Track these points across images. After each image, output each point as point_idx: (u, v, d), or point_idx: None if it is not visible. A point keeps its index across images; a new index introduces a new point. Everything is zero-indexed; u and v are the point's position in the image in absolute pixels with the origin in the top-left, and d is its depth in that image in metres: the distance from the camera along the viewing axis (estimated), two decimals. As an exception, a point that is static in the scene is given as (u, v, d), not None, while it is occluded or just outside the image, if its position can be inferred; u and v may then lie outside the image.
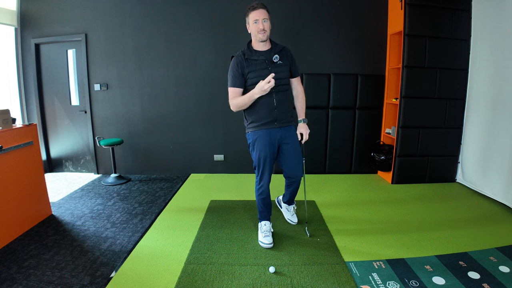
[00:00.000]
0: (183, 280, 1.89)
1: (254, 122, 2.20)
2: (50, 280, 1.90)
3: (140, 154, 4.17)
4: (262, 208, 2.36)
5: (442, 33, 3.44)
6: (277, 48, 2.17)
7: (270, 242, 2.26)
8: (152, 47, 3.91)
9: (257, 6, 2.05)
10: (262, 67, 2.09)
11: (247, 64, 2.10)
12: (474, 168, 3.47)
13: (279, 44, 2.22)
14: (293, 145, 2.27)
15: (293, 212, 2.68)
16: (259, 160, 2.23)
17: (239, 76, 2.11)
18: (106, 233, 2.53)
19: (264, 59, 2.11)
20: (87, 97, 4.02)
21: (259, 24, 2.05)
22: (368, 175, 4.08)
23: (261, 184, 2.27)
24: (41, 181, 2.80)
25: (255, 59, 2.11)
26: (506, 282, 1.83)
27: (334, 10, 3.83)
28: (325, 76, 3.86)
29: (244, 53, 2.13)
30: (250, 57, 2.11)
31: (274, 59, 2.11)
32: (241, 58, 2.12)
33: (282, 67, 2.14)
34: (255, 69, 2.09)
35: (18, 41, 3.95)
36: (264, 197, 2.31)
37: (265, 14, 2.06)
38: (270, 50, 2.15)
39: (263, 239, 2.29)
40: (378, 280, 1.88)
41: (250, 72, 2.10)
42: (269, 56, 2.12)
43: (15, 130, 2.50)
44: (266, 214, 2.38)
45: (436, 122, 3.61)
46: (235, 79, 2.12)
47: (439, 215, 2.83)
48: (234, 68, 2.12)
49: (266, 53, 2.14)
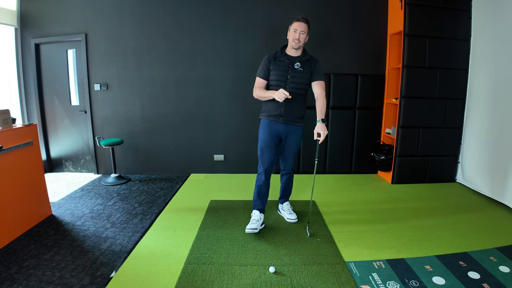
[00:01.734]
0: (183, 280, 1.89)
1: (264, 112, 2.48)
2: (50, 280, 1.90)
3: (140, 154, 4.17)
4: (255, 196, 2.57)
5: (442, 33, 3.44)
6: (304, 57, 2.40)
7: (254, 228, 2.43)
8: (152, 47, 3.91)
9: (302, 19, 2.33)
10: (283, 69, 2.37)
11: (273, 63, 2.39)
12: (474, 168, 3.47)
13: (309, 55, 2.43)
14: (293, 144, 2.51)
15: (290, 211, 2.73)
16: (260, 148, 2.50)
17: (265, 69, 2.41)
18: (106, 233, 2.53)
19: (288, 63, 2.37)
20: (87, 97, 4.02)
21: (296, 34, 2.32)
22: (368, 175, 4.08)
23: (260, 171, 2.52)
24: (41, 181, 2.79)
25: (281, 60, 2.38)
26: (506, 282, 1.83)
27: (334, 10, 3.83)
28: (325, 76, 3.85)
29: (276, 53, 2.42)
30: (279, 58, 2.39)
31: (295, 66, 2.37)
32: (271, 56, 2.42)
33: (301, 73, 2.37)
34: (277, 68, 2.38)
35: (18, 41, 3.95)
36: (259, 184, 2.52)
37: (305, 27, 2.32)
38: (298, 57, 2.40)
39: (248, 224, 2.48)
40: (378, 280, 1.88)
41: (272, 69, 2.39)
42: (294, 61, 2.38)
43: (15, 130, 2.49)
44: (259, 204, 2.56)
45: (436, 122, 3.61)
46: (261, 71, 2.44)
47: (439, 215, 2.83)
48: (264, 62, 2.44)
49: (293, 58, 2.40)
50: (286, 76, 2.35)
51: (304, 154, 4.05)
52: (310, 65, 2.39)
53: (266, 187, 2.55)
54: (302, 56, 2.40)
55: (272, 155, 2.48)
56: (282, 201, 2.83)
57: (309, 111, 3.93)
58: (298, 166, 4.09)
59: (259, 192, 2.54)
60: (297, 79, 2.36)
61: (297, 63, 2.36)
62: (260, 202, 2.56)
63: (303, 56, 2.40)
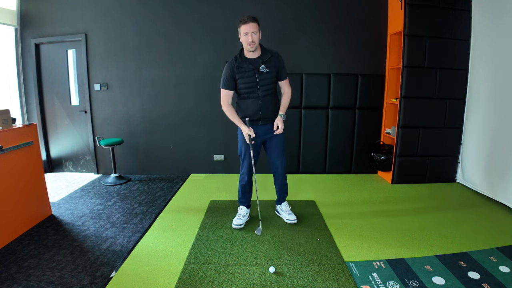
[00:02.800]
0: (183, 280, 1.89)
1: (243, 118, 2.47)
2: (50, 280, 1.90)
3: (140, 154, 4.17)
4: (240, 194, 2.69)
5: (442, 33, 3.44)
6: (265, 56, 2.37)
7: (239, 224, 2.56)
8: (152, 47, 3.91)
9: (247, 20, 2.25)
10: (250, 75, 2.36)
11: (237, 71, 2.37)
12: (474, 168, 3.47)
13: (268, 51, 2.40)
14: (277, 141, 2.54)
15: (289, 211, 2.71)
16: (240, 150, 2.56)
17: (230, 80, 2.39)
18: (106, 233, 2.53)
19: (252, 68, 2.35)
20: (87, 97, 4.02)
21: (248, 37, 2.26)
22: (368, 175, 4.08)
23: (242, 171, 2.60)
24: (41, 181, 2.80)
25: (244, 67, 2.36)
26: (506, 282, 1.83)
27: (334, 10, 3.83)
28: (325, 76, 3.86)
29: (236, 60, 2.37)
30: (241, 65, 2.36)
31: (261, 70, 2.36)
32: (233, 65, 2.37)
33: (268, 74, 2.38)
34: (244, 76, 2.36)
35: (18, 41, 3.95)
36: (243, 184, 2.62)
37: (254, 27, 2.26)
38: (259, 58, 2.37)
39: (234, 220, 2.61)
40: (378, 280, 1.88)
41: (239, 78, 2.37)
42: (257, 64, 2.36)
43: (15, 130, 2.50)
44: (243, 201, 2.71)
45: (436, 122, 3.61)
46: (226, 82, 2.40)
47: (439, 215, 2.83)
48: (226, 72, 2.39)
49: (255, 61, 2.37)
50: (255, 81, 2.35)
51: (304, 154, 4.05)
52: (275, 63, 2.39)
53: (250, 186, 2.66)
54: (262, 55, 2.38)
55: (251, 159, 2.51)
56: (279, 202, 2.79)
57: (309, 111, 3.96)
58: (298, 166, 4.09)
59: (243, 190, 2.66)
60: (266, 81, 2.37)
61: (262, 66, 2.35)
62: (245, 199, 2.71)
63: (263, 55, 2.37)
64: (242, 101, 2.47)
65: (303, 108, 3.93)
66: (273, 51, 2.42)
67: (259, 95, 2.39)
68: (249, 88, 2.38)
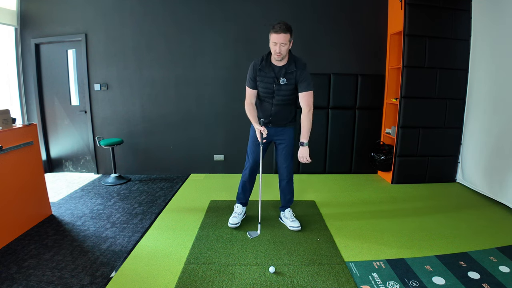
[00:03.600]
0: (183, 280, 1.89)
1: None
2: (50, 280, 1.90)
3: (140, 154, 4.17)
4: (240, 190, 2.68)
5: (442, 33, 3.44)
6: (290, 67, 2.26)
7: (235, 223, 2.56)
8: (152, 47, 3.91)
9: (279, 30, 2.10)
10: (269, 81, 2.30)
11: (258, 74, 2.32)
12: (474, 168, 3.47)
13: (294, 62, 2.27)
14: (285, 145, 2.49)
15: (292, 218, 2.61)
16: (249, 144, 2.55)
17: (253, 79, 2.35)
18: (106, 233, 2.53)
19: (273, 77, 2.28)
20: (87, 97, 4.02)
21: (277, 47, 2.14)
22: (368, 175, 4.08)
23: (246, 167, 2.59)
24: (41, 181, 2.79)
25: (266, 72, 2.29)
26: (506, 282, 1.83)
27: (334, 10, 3.83)
28: (325, 76, 3.86)
29: (261, 62, 2.30)
30: (263, 69, 2.29)
31: (281, 82, 2.28)
32: (256, 66, 2.32)
33: (286, 86, 2.30)
34: (263, 80, 2.31)
35: (18, 41, 3.95)
36: (244, 180, 2.62)
37: (285, 38, 2.11)
38: (283, 67, 2.28)
39: (230, 219, 2.61)
40: (378, 280, 1.88)
41: (259, 81, 2.34)
42: (280, 73, 2.28)
43: (15, 130, 2.49)
44: (242, 198, 2.69)
45: (436, 122, 3.61)
46: (250, 81, 2.37)
47: (439, 215, 2.83)
48: (250, 72, 2.36)
49: (279, 69, 2.29)
50: (271, 89, 2.30)
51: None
52: (296, 75, 2.26)
53: (250, 183, 2.65)
54: (287, 65, 2.26)
55: (259, 156, 2.47)
56: (283, 209, 2.69)
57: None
58: (298, 166, 4.09)
59: (244, 187, 2.65)
60: (283, 92, 2.31)
61: (283, 79, 2.26)
62: (244, 197, 2.68)
63: (288, 65, 2.26)
64: (259, 101, 2.44)
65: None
66: (300, 62, 2.29)
67: (273, 102, 2.35)
68: (265, 93, 2.34)
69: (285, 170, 2.53)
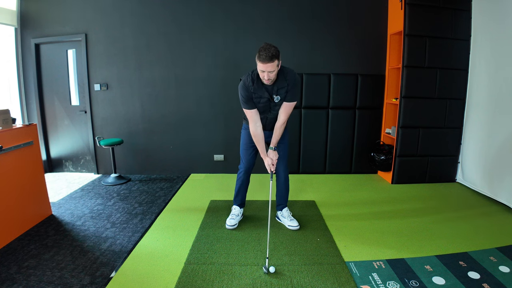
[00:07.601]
0: (183, 280, 1.89)
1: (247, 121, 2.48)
2: (50, 280, 1.90)
3: (140, 154, 4.17)
4: (236, 192, 2.71)
5: (442, 33, 3.44)
6: (281, 84, 2.22)
7: (232, 224, 2.58)
8: (152, 47, 3.91)
9: (265, 59, 2.01)
10: (264, 102, 2.30)
11: (254, 96, 2.27)
12: (474, 168, 3.47)
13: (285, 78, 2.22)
14: (281, 147, 2.51)
15: (290, 217, 2.62)
16: (242, 149, 2.60)
17: (249, 99, 2.28)
18: (106, 233, 2.53)
19: (268, 98, 2.27)
20: (87, 97, 4.02)
21: (264, 74, 2.10)
22: (368, 175, 4.08)
23: (240, 169, 2.64)
24: (41, 181, 2.79)
25: (260, 94, 2.26)
26: (506, 282, 1.83)
27: (334, 10, 3.83)
28: (325, 76, 3.86)
29: (253, 82, 2.23)
30: (256, 91, 2.25)
31: (275, 100, 2.28)
32: (249, 88, 2.24)
33: (281, 101, 2.30)
34: (259, 102, 2.30)
35: (18, 41, 3.95)
36: (239, 182, 2.66)
37: (272, 66, 2.05)
38: (274, 86, 2.23)
39: (228, 221, 2.63)
40: (378, 280, 1.88)
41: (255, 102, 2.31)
42: (272, 91, 2.25)
43: (15, 130, 2.50)
44: (239, 199, 2.72)
45: (436, 122, 3.61)
46: (247, 103, 2.29)
47: (439, 215, 2.83)
48: (243, 94, 2.26)
49: (271, 87, 2.25)
50: (268, 105, 2.32)
51: (304, 154, 4.05)
52: (288, 88, 2.23)
53: (246, 184, 2.69)
54: (279, 82, 2.21)
55: (252, 158, 2.59)
56: (280, 208, 2.69)
57: (310, 111, 3.96)
58: (298, 166, 4.09)
59: (239, 188, 2.68)
60: (277, 106, 2.33)
61: (277, 97, 2.25)
62: (240, 198, 2.72)
63: (280, 81, 2.21)
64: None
65: (303, 108, 3.92)
66: (290, 74, 2.23)
67: (268, 116, 2.40)
68: (262, 112, 2.37)
69: (281, 169, 2.56)
